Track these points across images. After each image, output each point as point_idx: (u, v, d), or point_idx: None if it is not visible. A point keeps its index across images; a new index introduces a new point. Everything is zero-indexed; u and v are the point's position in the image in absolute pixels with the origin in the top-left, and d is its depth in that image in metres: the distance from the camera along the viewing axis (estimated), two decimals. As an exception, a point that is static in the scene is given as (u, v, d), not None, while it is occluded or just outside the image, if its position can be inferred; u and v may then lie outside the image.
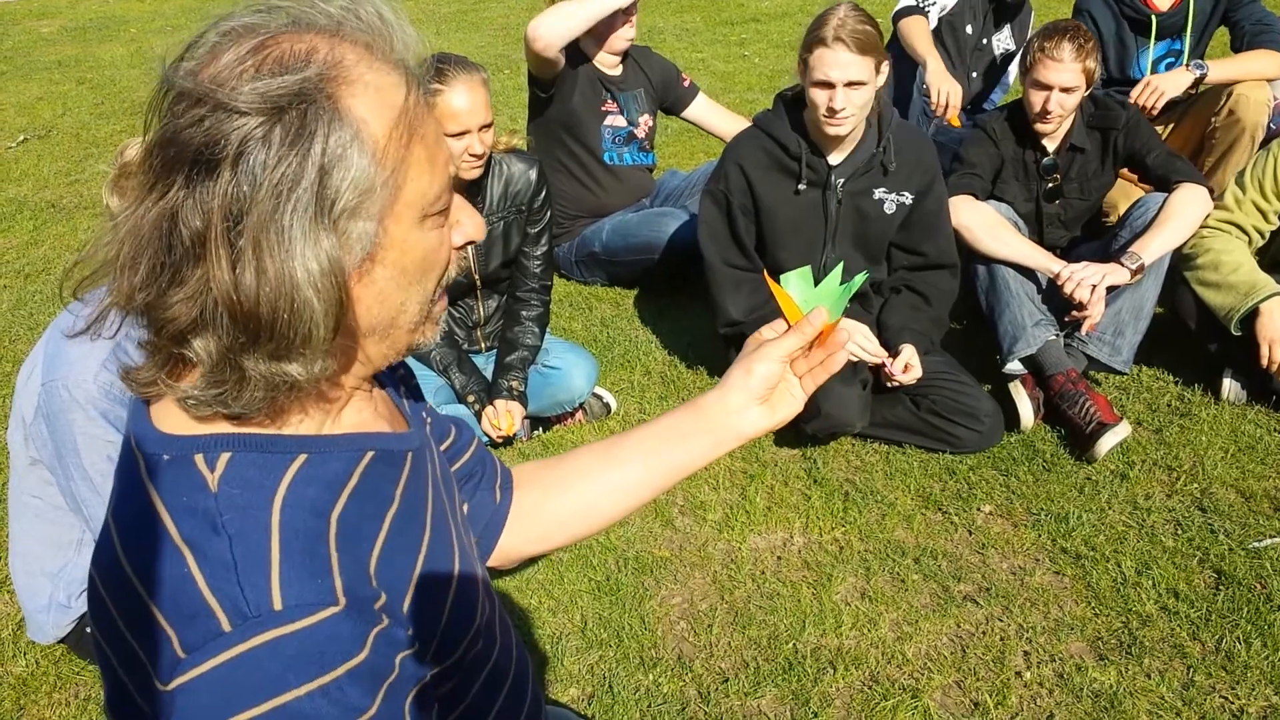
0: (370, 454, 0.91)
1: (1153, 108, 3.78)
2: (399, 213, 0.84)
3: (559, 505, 1.28)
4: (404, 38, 0.87)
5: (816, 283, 1.21)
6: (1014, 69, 4.53)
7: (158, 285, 0.80)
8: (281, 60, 0.80)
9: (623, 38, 3.89)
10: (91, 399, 1.99)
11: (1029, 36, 3.26)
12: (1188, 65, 3.78)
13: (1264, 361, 2.93)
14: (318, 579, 0.80)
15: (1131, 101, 3.70)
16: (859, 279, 1.24)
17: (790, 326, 1.20)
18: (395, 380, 1.11)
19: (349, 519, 0.84)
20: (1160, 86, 3.78)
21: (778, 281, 1.21)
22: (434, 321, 0.94)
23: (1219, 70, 3.79)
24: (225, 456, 0.83)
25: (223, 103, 0.77)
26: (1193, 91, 3.91)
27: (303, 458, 0.86)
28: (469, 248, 3.09)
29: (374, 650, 0.80)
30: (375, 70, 0.83)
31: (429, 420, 1.13)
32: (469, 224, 0.94)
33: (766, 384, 1.18)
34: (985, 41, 4.40)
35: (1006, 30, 4.44)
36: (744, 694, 2.21)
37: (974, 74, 4.41)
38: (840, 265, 1.26)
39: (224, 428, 0.85)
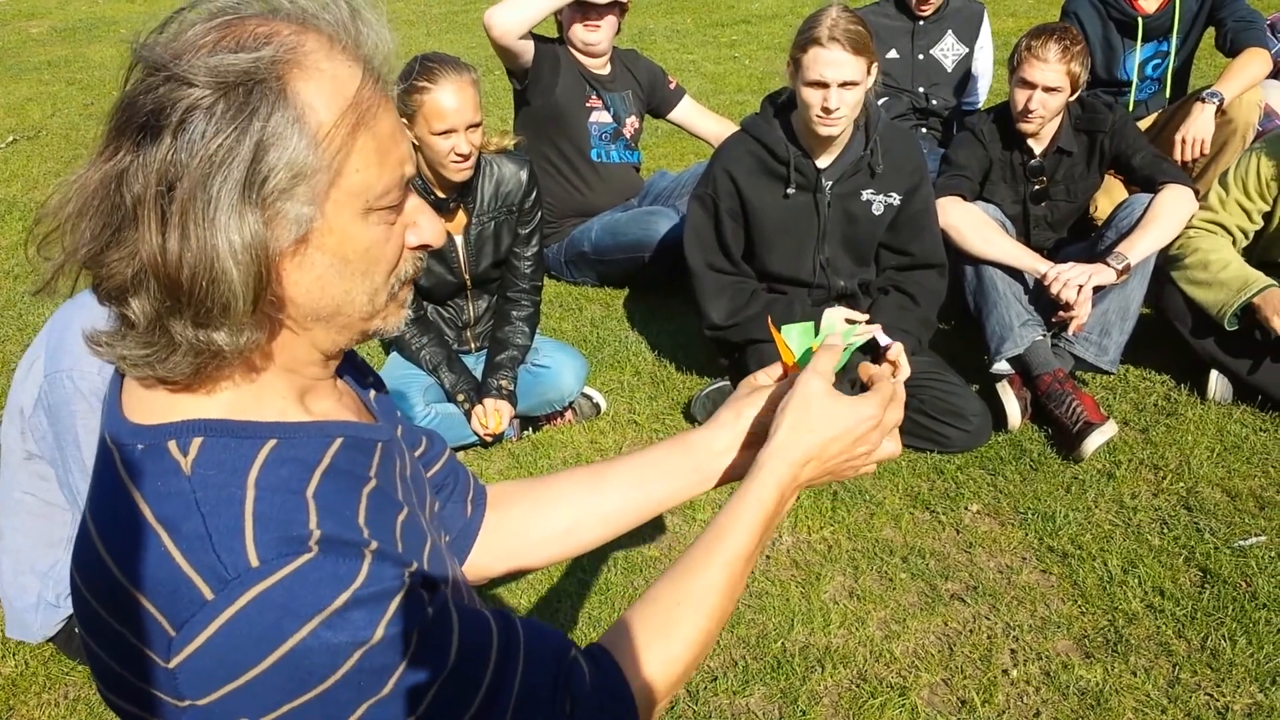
0: (339, 440, 0.92)
1: (1200, 155, 3.76)
2: (339, 201, 0.85)
3: (539, 526, 1.28)
4: (374, 35, 0.89)
5: (817, 334, 1.23)
6: (980, 68, 4.53)
7: (99, 243, 0.83)
8: (241, 40, 0.82)
9: (583, 39, 3.90)
10: (95, 390, 2.00)
11: (1020, 40, 3.27)
12: (1203, 100, 3.77)
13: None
14: (292, 530, 0.81)
15: (1179, 161, 3.69)
16: (854, 334, 1.26)
17: (785, 373, 1.22)
18: (365, 386, 1.11)
19: (324, 494, 0.85)
20: (1196, 134, 3.75)
21: (779, 330, 1.23)
22: (397, 309, 0.95)
23: (1230, 90, 3.78)
24: (197, 442, 0.84)
25: (175, 73, 0.80)
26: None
27: (273, 442, 0.87)
28: (460, 249, 3.10)
29: (372, 572, 0.81)
30: (333, 60, 0.85)
31: (399, 427, 1.14)
32: (428, 228, 0.95)
33: (756, 428, 1.21)
34: (922, 57, 4.38)
35: (951, 38, 4.41)
36: (733, 692, 2.22)
37: (920, 89, 4.40)
38: (841, 318, 1.29)
39: (193, 413, 0.86)
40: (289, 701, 0.79)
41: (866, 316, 3.02)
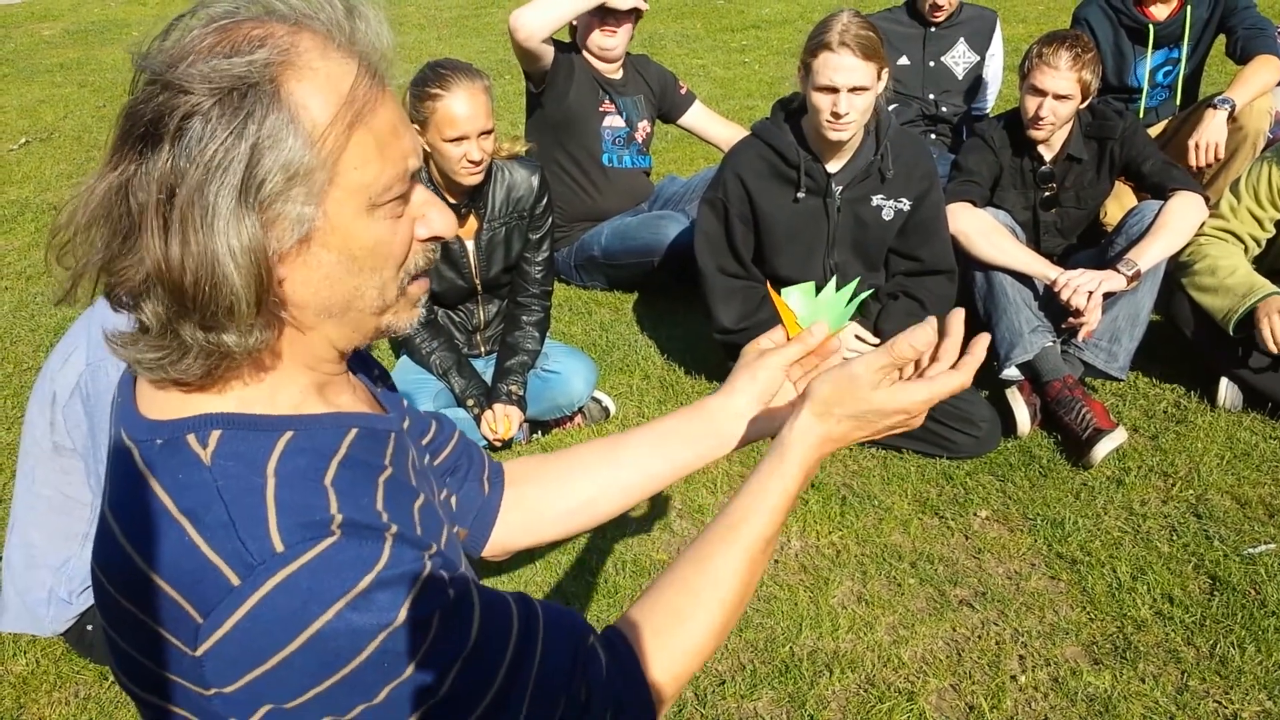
0: (354, 430, 0.94)
1: (1214, 160, 3.76)
2: (340, 199, 0.86)
3: (560, 500, 1.30)
4: (370, 32, 0.89)
5: (817, 294, 1.24)
6: (990, 75, 4.52)
7: (110, 251, 0.85)
8: (235, 44, 0.83)
9: (599, 44, 3.91)
10: None
11: (1031, 46, 3.27)
12: (1214, 106, 3.77)
13: (1267, 340, 2.87)
14: (315, 514, 0.82)
15: (1194, 167, 3.70)
16: (856, 289, 1.27)
17: (790, 337, 1.23)
18: (373, 379, 1.13)
19: (342, 482, 0.87)
20: (1209, 139, 3.75)
21: (779, 293, 1.24)
22: (409, 305, 0.96)
23: (1241, 97, 3.79)
24: (216, 434, 0.86)
25: (172, 81, 0.81)
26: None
27: (290, 433, 0.88)
28: (471, 255, 3.11)
29: (394, 554, 0.82)
30: (328, 59, 0.85)
31: (407, 418, 1.15)
32: (437, 220, 0.95)
33: (769, 390, 1.23)
34: (933, 64, 4.39)
35: (963, 45, 4.41)
36: (741, 696, 2.23)
37: (930, 96, 4.41)
38: (834, 279, 1.29)
39: (209, 408, 0.88)
40: (315, 686, 0.80)
41: (876, 341, 3.02)
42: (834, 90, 2.80)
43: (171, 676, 0.82)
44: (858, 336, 3.02)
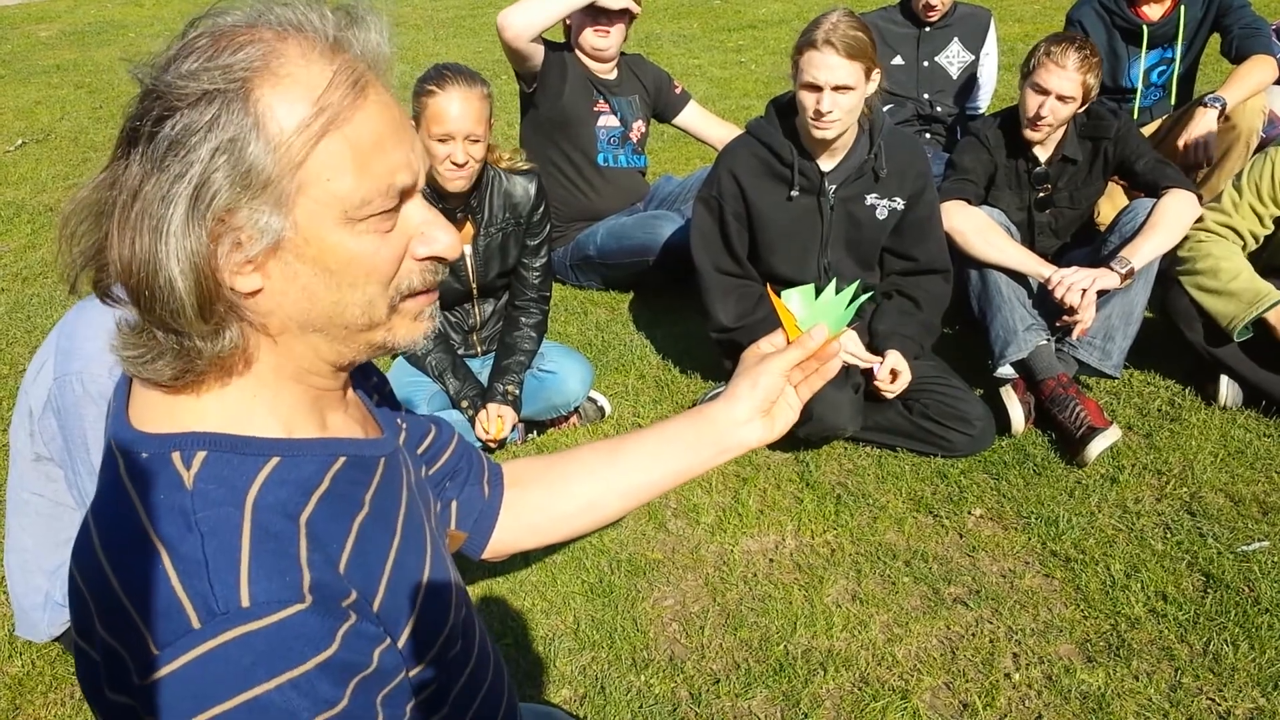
0: (342, 459, 0.93)
1: (1206, 158, 3.78)
2: (312, 210, 0.84)
3: (560, 502, 1.30)
4: (363, 40, 0.88)
5: (817, 296, 1.24)
6: (985, 75, 4.53)
7: (90, 245, 0.87)
8: (218, 50, 0.83)
9: (592, 44, 3.92)
10: (105, 393, 2.00)
11: (1038, 44, 3.26)
12: (1205, 105, 3.78)
13: None
14: (286, 576, 0.81)
15: (1188, 165, 3.72)
16: (856, 291, 1.27)
17: (790, 341, 1.23)
18: (369, 388, 1.12)
19: (318, 522, 0.86)
20: (1198, 136, 3.77)
21: (779, 295, 1.24)
22: (406, 321, 0.94)
23: (1234, 95, 3.80)
24: (201, 455, 0.85)
25: (151, 88, 0.82)
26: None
27: (275, 460, 0.87)
28: (469, 260, 3.11)
29: (344, 645, 0.82)
30: (309, 66, 0.84)
31: (404, 425, 1.14)
32: (441, 240, 0.92)
33: (770, 396, 1.23)
34: (927, 64, 4.39)
35: (956, 44, 4.41)
36: (735, 695, 2.23)
37: (925, 96, 4.41)
38: (834, 280, 1.29)
39: (197, 424, 0.87)
40: None
41: (870, 356, 3.01)
42: (818, 88, 2.81)
43: (121, 696, 0.81)
44: (851, 351, 3.01)
